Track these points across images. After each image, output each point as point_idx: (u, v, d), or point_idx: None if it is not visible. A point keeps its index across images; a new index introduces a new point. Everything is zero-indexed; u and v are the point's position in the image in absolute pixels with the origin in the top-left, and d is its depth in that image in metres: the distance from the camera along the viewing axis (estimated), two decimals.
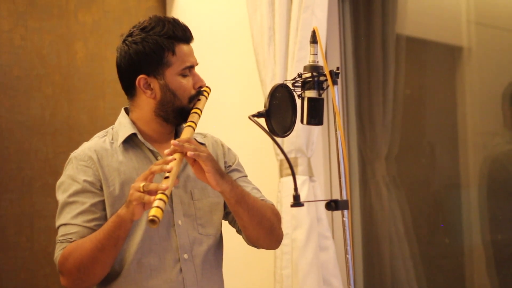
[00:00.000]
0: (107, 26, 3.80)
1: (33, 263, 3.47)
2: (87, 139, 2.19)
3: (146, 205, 1.84)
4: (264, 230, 2.12)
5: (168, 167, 1.87)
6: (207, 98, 2.14)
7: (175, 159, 1.90)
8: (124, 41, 2.12)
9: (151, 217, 1.75)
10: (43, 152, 3.54)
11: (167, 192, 1.82)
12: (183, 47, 2.10)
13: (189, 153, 1.90)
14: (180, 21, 2.13)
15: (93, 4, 3.77)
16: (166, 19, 2.11)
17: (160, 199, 1.79)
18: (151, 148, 2.12)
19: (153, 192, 1.83)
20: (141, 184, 1.84)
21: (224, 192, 1.99)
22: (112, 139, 2.13)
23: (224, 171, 2.00)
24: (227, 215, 2.20)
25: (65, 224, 2.04)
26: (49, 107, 3.57)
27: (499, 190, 3.33)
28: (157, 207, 1.77)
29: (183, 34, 2.10)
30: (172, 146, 1.92)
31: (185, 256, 2.08)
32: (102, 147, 2.11)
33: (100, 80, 3.74)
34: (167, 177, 1.86)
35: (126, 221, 1.90)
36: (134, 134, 2.12)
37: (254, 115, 1.95)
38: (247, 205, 2.04)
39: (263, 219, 2.10)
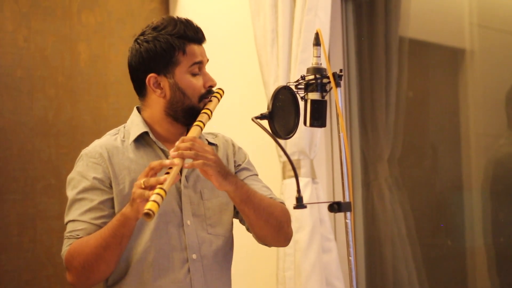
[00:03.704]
0: (110, 27, 3.81)
1: (36, 264, 3.47)
2: (90, 140, 2.19)
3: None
4: (271, 228, 2.12)
5: (167, 162, 1.88)
6: (219, 100, 2.14)
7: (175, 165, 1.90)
8: (136, 40, 2.13)
9: (146, 211, 1.75)
10: (46, 153, 3.54)
11: (166, 187, 1.82)
12: (194, 47, 2.11)
13: (185, 165, 1.91)
14: (193, 22, 2.14)
15: (96, 6, 3.77)
16: (179, 20, 2.12)
17: (158, 193, 1.79)
18: (162, 147, 2.12)
19: (154, 187, 1.83)
20: (142, 181, 1.85)
21: (228, 192, 2.00)
22: (124, 137, 2.14)
23: (228, 171, 2.00)
24: (237, 214, 2.20)
25: (73, 221, 2.05)
26: (52, 108, 3.57)
27: (501, 192, 3.33)
28: (153, 201, 1.77)
29: (194, 35, 2.11)
30: (172, 151, 1.92)
31: (194, 256, 2.08)
32: (113, 145, 2.11)
33: (103, 81, 3.75)
34: (167, 173, 1.86)
35: (131, 219, 1.91)
36: (145, 133, 2.12)
37: (257, 117, 1.95)
38: (252, 204, 2.04)
39: (270, 218, 2.10)
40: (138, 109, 2.20)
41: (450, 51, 3.60)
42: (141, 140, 2.13)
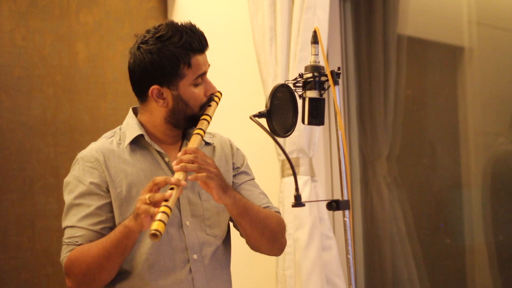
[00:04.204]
0: (108, 26, 3.80)
1: (34, 263, 3.47)
2: (88, 140, 2.19)
3: (154, 216, 1.82)
4: (266, 240, 2.13)
5: (173, 180, 1.87)
6: (217, 104, 2.13)
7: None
8: (138, 47, 2.08)
9: (152, 231, 1.75)
10: (44, 152, 3.54)
11: (171, 204, 1.81)
12: (198, 58, 2.07)
13: (189, 177, 1.91)
14: (197, 29, 2.09)
15: (95, 5, 3.77)
16: (184, 29, 2.07)
17: (163, 212, 1.79)
18: (158, 149, 2.11)
19: (159, 203, 1.83)
20: (147, 196, 1.84)
21: (226, 205, 2.00)
22: (120, 139, 2.13)
23: (228, 184, 2.00)
24: (232, 218, 2.20)
25: (71, 227, 2.04)
26: (50, 108, 3.57)
27: (501, 190, 3.33)
28: (160, 220, 1.77)
29: (199, 44, 2.07)
30: (175, 164, 1.92)
31: (195, 256, 2.08)
32: (109, 148, 2.11)
33: (101, 80, 3.74)
34: (172, 189, 1.86)
35: (134, 232, 1.91)
36: (141, 135, 2.12)
37: (255, 115, 1.95)
38: (249, 217, 2.05)
39: (265, 230, 2.10)
40: (134, 111, 2.19)
41: (449, 49, 3.60)
42: (137, 142, 2.12)
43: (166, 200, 1.82)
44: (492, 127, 3.39)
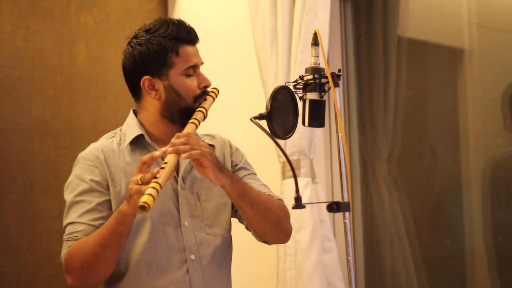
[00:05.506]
0: (108, 27, 3.81)
1: (35, 265, 3.47)
2: (88, 141, 2.20)
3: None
4: (269, 224, 2.12)
5: (157, 153, 1.90)
6: (214, 99, 2.15)
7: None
8: (129, 43, 2.14)
9: (141, 203, 1.76)
10: (44, 153, 3.54)
11: (161, 181, 1.83)
12: (187, 48, 2.11)
13: (183, 156, 1.91)
14: (186, 23, 2.14)
15: (95, 6, 3.77)
16: (171, 21, 2.12)
17: (153, 187, 1.80)
18: (158, 149, 2.12)
19: (150, 182, 1.84)
20: (138, 177, 1.86)
21: (224, 186, 2.00)
22: (120, 140, 2.15)
23: (223, 165, 2.00)
24: (235, 213, 2.20)
25: (71, 223, 2.05)
26: (50, 109, 3.57)
27: (500, 192, 3.33)
28: (149, 194, 1.78)
29: (187, 35, 2.11)
30: (168, 148, 1.93)
31: (192, 256, 2.09)
32: (109, 148, 2.12)
33: (101, 81, 3.75)
34: (162, 168, 1.87)
35: (128, 216, 1.92)
36: (141, 135, 2.13)
37: (255, 117, 1.96)
38: (249, 198, 2.04)
39: (268, 213, 2.09)
40: (135, 112, 2.21)
41: (449, 50, 3.61)
42: (137, 142, 2.14)
43: (156, 177, 1.84)
44: (492, 129, 3.39)
